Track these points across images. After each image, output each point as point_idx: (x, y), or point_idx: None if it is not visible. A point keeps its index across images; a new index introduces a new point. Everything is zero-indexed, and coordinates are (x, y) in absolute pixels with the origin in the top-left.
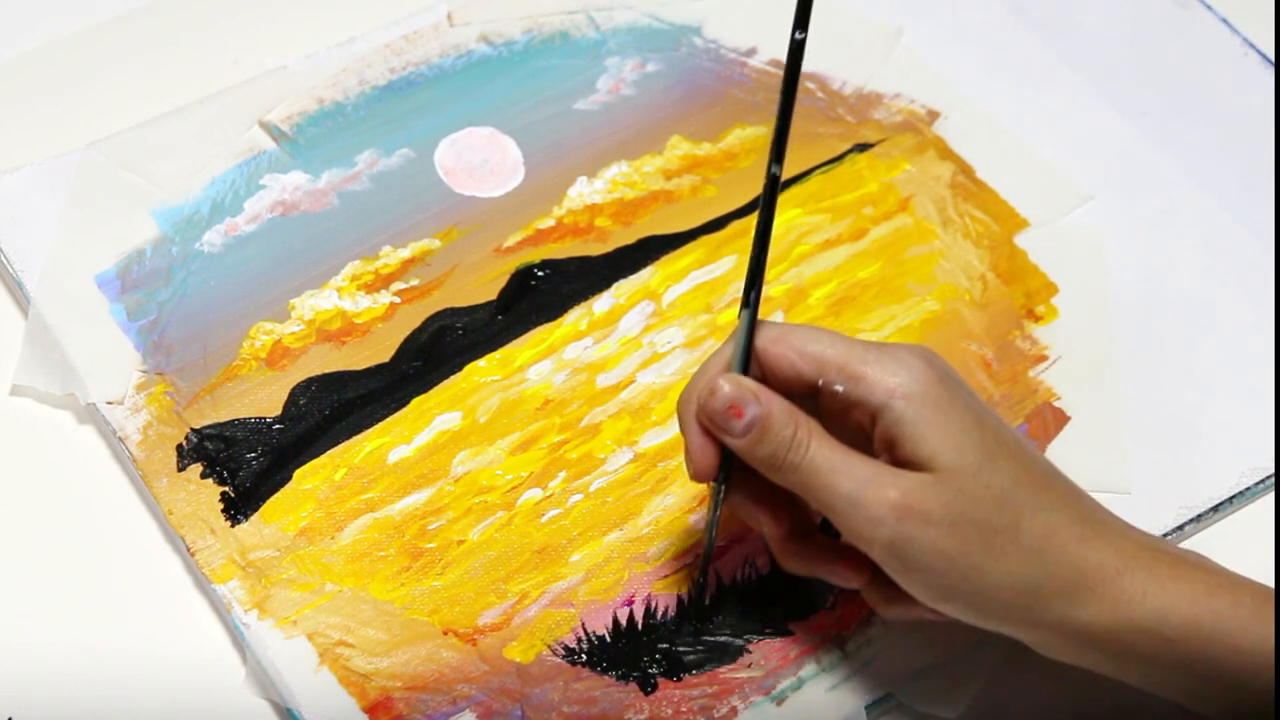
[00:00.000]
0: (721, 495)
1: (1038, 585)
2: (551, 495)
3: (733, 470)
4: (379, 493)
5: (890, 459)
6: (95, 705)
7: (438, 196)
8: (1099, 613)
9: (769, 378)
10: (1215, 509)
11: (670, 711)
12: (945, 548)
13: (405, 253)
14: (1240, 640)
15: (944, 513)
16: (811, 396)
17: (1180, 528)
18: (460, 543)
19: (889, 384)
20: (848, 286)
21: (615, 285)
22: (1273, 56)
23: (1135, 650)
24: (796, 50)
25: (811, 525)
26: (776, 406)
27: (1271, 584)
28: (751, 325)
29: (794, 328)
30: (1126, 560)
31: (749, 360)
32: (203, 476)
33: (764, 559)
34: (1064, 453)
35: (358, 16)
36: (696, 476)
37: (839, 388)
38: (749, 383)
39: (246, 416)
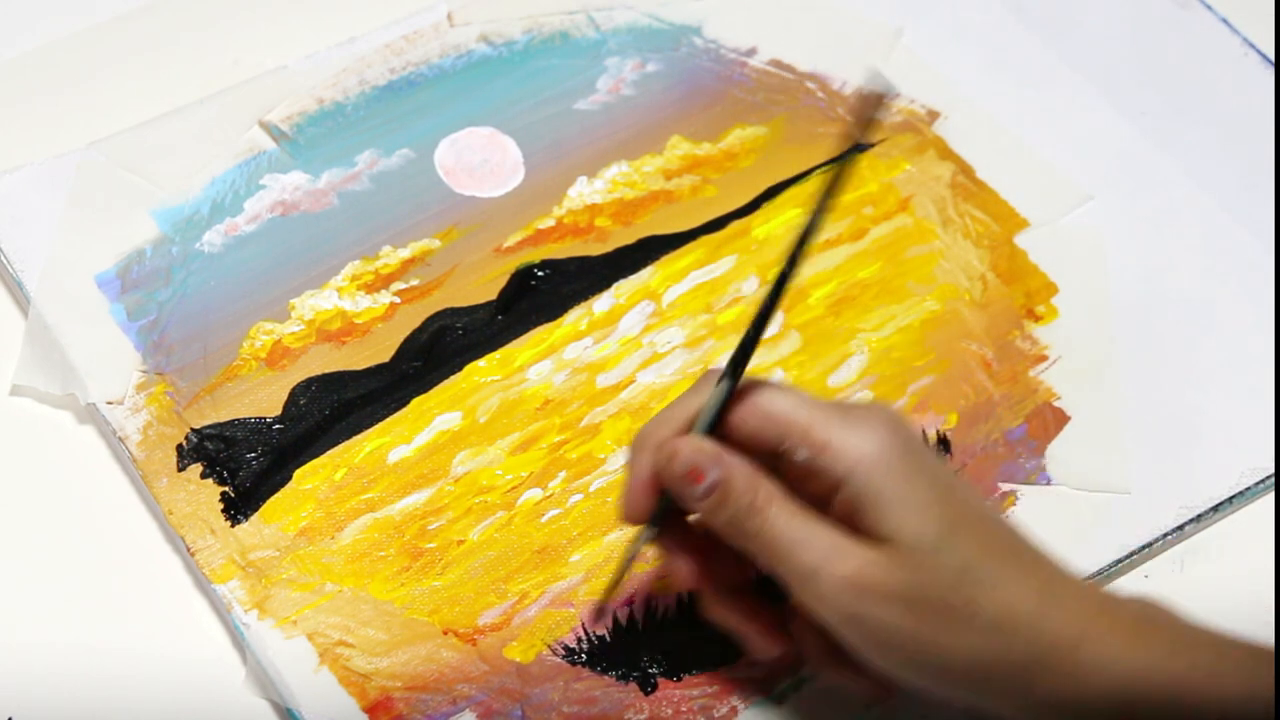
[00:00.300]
0: (644, 539)
1: (994, 661)
2: (551, 495)
3: (667, 517)
4: (379, 493)
5: (850, 526)
6: (95, 705)
7: (438, 196)
8: (1058, 686)
9: (731, 435)
10: (1215, 509)
11: (670, 711)
12: (901, 625)
13: (405, 253)
14: (1194, 703)
15: (901, 590)
16: (775, 455)
17: (1180, 528)
18: (460, 543)
19: (852, 455)
20: (848, 286)
21: (615, 285)
22: (1273, 56)
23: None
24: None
25: (743, 580)
26: (737, 471)
27: (1272, 582)
28: (728, 397)
29: (761, 386)
30: (1085, 630)
31: (714, 425)
32: (203, 476)
33: None
34: (1064, 453)
35: (358, 16)
36: (628, 519)
37: (802, 455)
38: (710, 446)
39: (246, 416)
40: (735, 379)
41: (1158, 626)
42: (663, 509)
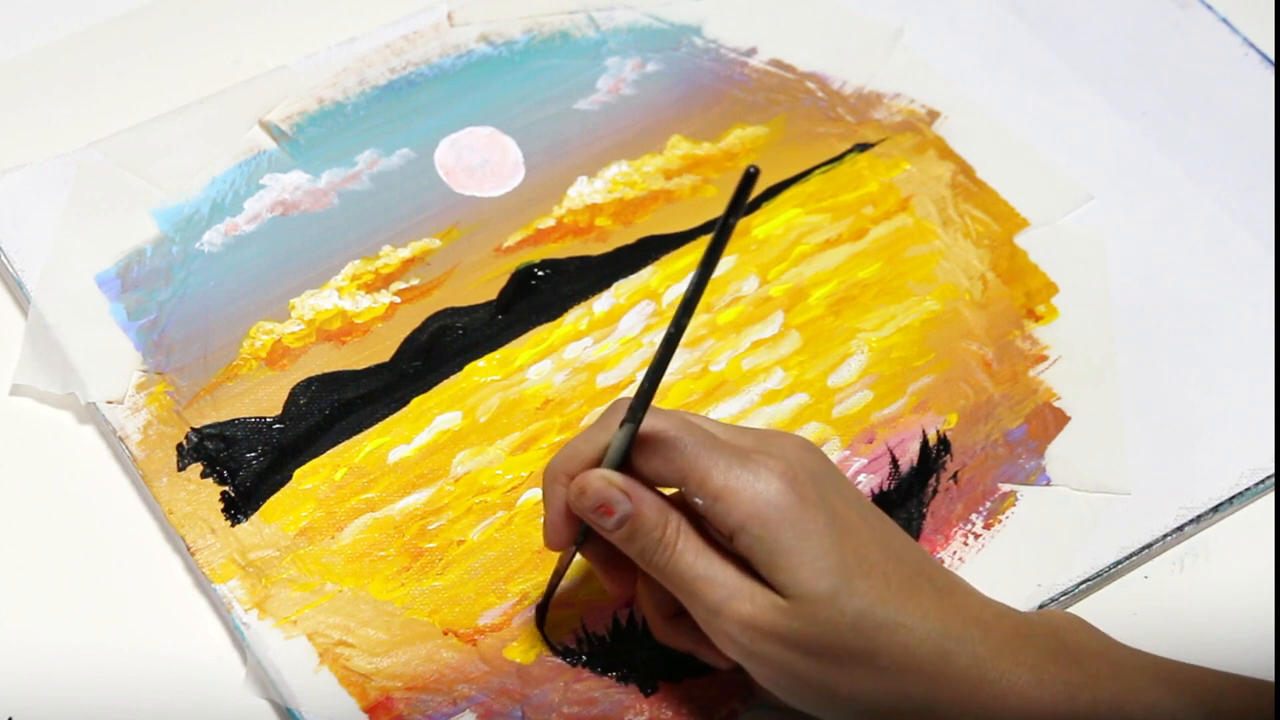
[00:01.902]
0: (568, 559)
1: (892, 703)
2: None
3: (590, 538)
4: (379, 492)
5: (749, 567)
6: (95, 705)
7: (438, 196)
8: None
9: (638, 473)
10: (1215, 509)
11: (670, 712)
12: (797, 669)
13: (405, 252)
14: None
15: (797, 639)
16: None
17: (1180, 528)
18: (460, 543)
19: (744, 509)
20: (848, 286)
21: (615, 285)
22: (1273, 56)
23: None
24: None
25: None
26: (647, 506)
27: (1272, 582)
28: (630, 441)
29: (669, 424)
30: (986, 670)
31: (618, 461)
32: (203, 476)
33: None
34: (1064, 453)
35: (358, 16)
36: (551, 547)
37: (698, 502)
38: (619, 479)
39: (246, 416)
40: (636, 422)
41: (1067, 658)
42: (584, 533)
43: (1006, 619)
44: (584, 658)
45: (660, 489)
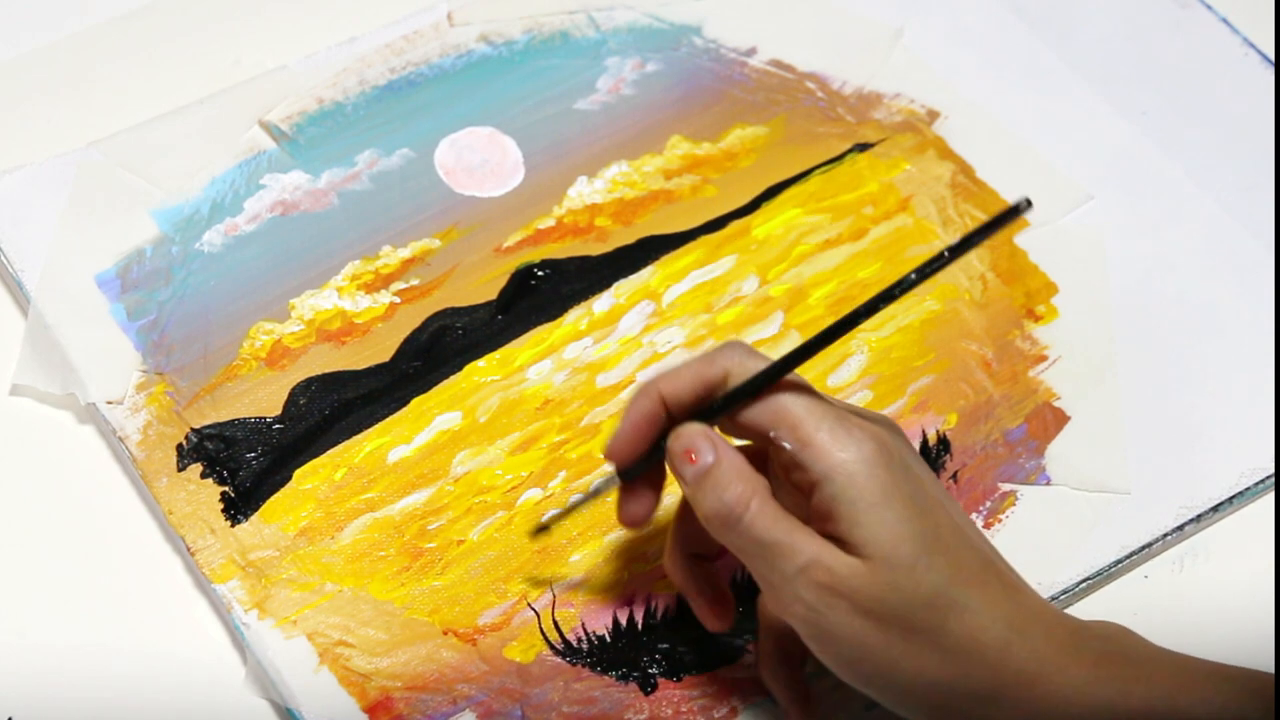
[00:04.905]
0: (610, 483)
1: (955, 687)
2: (551, 495)
3: (643, 469)
4: (379, 493)
5: (822, 530)
6: (95, 705)
7: (438, 196)
8: (1015, 718)
9: (731, 416)
10: (1215, 509)
11: (670, 711)
12: (866, 639)
13: (405, 253)
14: None
15: (870, 605)
16: (767, 440)
17: (1180, 528)
18: (460, 543)
19: (833, 458)
20: (848, 286)
21: (615, 285)
22: (1273, 56)
23: None
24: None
25: (704, 548)
26: (726, 463)
27: (1272, 582)
28: (738, 401)
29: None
30: (1048, 664)
31: (727, 408)
32: (203, 476)
33: None
34: (1064, 452)
35: (358, 16)
36: (611, 456)
37: (786, 445)
38: (712, 433)
39: (246, 416)
40: (755, 396)
41: (1122, 658)
42: (643, 461)
43: (1066, 621)
44: (584, 658)
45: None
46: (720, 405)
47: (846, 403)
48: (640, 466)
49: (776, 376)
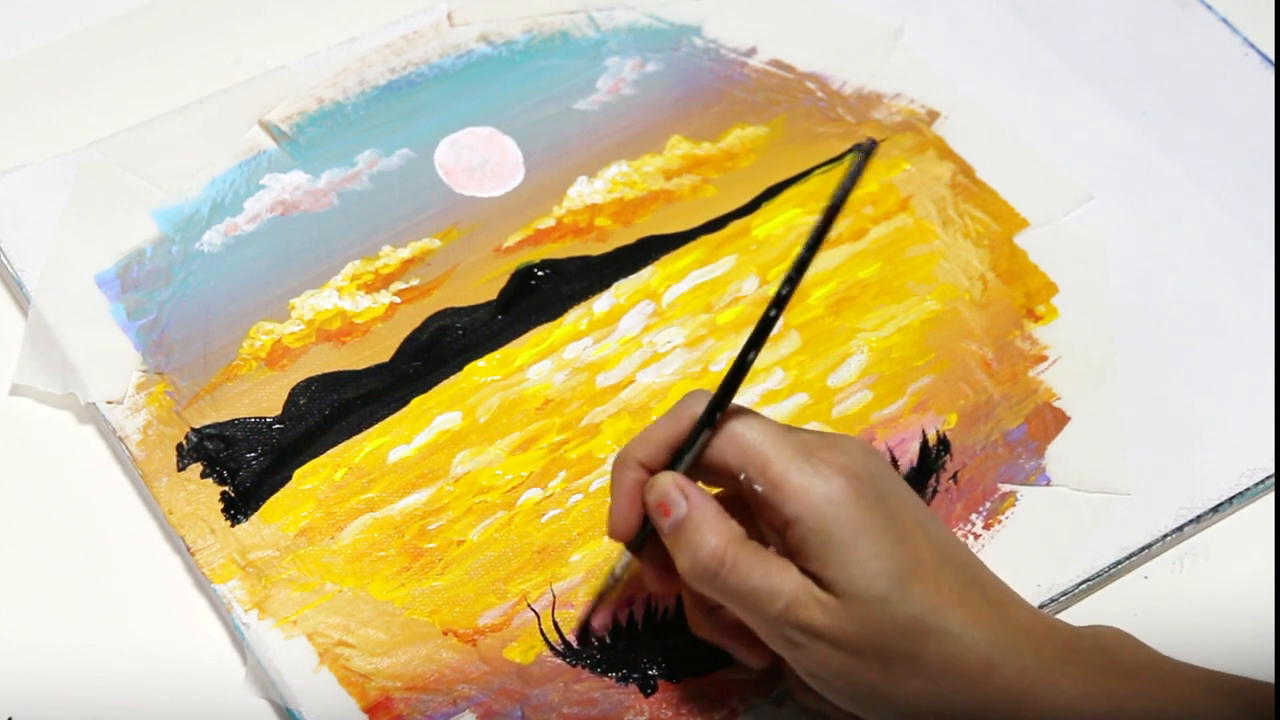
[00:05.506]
0: (627, 560)
1: (938, 709)
2: (551, 495)
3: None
4: (379, 493)
5: (800, 566)
6: (95, 705)
7: (438, 196)
8: None
9: (705, 455)
10: (1215, 509)
11: (670, 713)
12: (848, 671)
13: (405, 253)
14: None
15: (845, 640)
16: (738, 481)
17: (1180, 528)
18: (460, 543)
19: (803, 501)
20: (848, 286)
21: (615, 285)
22: (1273, 56)
23: None
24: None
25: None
26: (698, 513)
27: (1272, 582)
28: (706, 442)
29: (739, 413)
30: (1034, 681)
31: (692, 462)
32: (203, 476)
33: None
34: (1064, 453)
35: (358, 16)
36: (615, 536)
37: (757, 488)
38: (683, 482)
39: (246, 416)
40: (713, 427)
41: (1115, 670)
42: (646, 529)
43: (1057, 633)
44: (584, 659)
45: (718, 497)
46: (685, 447)
47: (815, 431)
48: (645, 534)
49: (727, 397)
